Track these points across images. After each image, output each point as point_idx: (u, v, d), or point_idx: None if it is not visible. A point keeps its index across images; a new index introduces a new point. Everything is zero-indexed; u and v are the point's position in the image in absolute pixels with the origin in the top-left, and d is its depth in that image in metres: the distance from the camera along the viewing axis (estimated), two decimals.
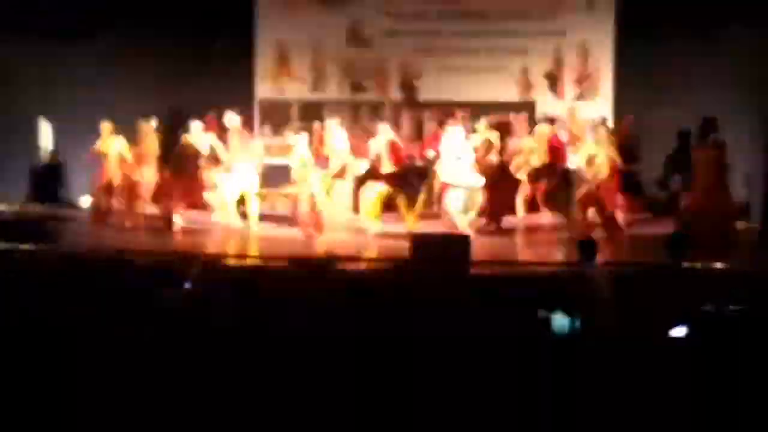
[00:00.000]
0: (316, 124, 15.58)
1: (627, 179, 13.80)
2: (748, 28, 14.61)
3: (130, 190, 14.22)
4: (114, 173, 14.27)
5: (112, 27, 15.90)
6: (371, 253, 12.61)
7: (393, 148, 13.68)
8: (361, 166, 14.08)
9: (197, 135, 14.15)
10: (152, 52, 15.98)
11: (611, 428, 6.04)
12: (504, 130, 15.23)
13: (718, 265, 10.81)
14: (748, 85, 14.73)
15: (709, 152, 12.74)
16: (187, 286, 8.89)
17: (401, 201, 13.69)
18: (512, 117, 15.89)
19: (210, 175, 14.28)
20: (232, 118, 14.13)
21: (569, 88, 16.35)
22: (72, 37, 15.74)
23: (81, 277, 8.78)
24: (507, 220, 14.16)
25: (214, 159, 14.16)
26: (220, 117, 14.48)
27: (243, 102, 16.26)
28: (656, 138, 14.19)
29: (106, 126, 14.25)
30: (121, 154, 14.27)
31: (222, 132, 14.37)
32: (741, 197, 14.40)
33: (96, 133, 14.47)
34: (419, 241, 10.48)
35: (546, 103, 16.36)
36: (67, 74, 16.01)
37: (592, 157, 13.13)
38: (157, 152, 14.26)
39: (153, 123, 14.35)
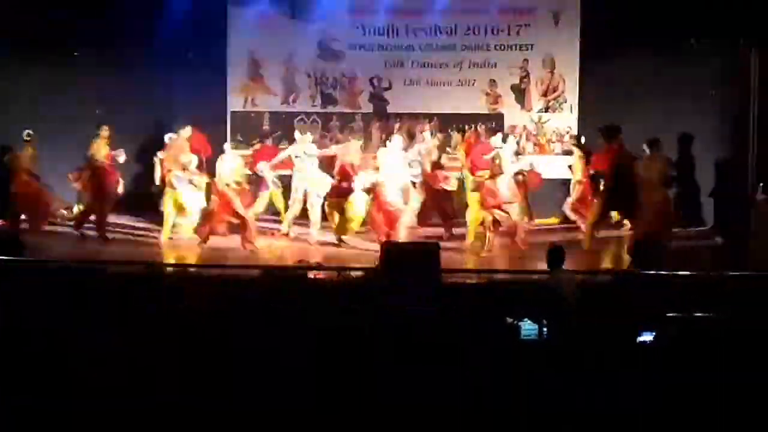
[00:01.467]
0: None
1: None
2: (708, 44, 14.89)
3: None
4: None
5: (84, 41, 15.87)
6: (343, 261, 12.72)
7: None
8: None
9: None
10: (125, 67, 15.94)
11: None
12: None
13: (683, 272, 10.94)
14: (708, 98, 15.01)
15: (656, 166, 13.03)
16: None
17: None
18: (480, 128, 16.01)
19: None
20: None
21: (536, 100, 16.56)
22: (44, 53, 15.71)
23: (63, 286, 8.82)
24: None
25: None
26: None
27: (215, 114, 16.39)
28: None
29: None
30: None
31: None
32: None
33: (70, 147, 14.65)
34: (390, 249, 10.53)
35: (513, 114, 16.55)
36: (41, 88, 15.99)
37: None
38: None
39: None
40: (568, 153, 15.82)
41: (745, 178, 13.08)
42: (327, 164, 14.53)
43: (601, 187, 13.96)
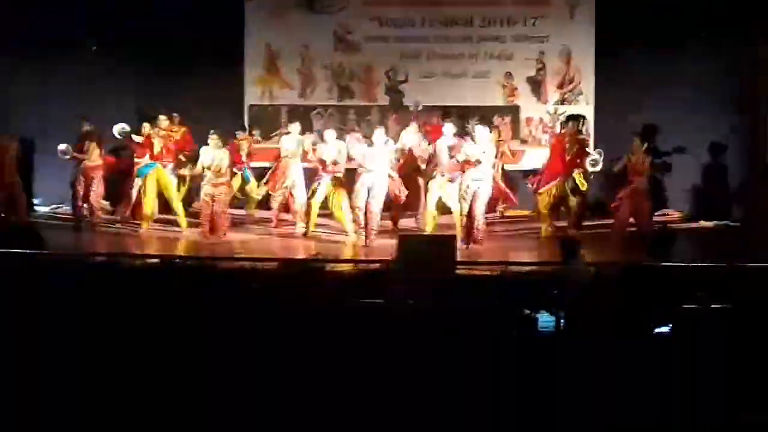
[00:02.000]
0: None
1: None
2: (727, 33, 14.86)
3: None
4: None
5: (102, 33, 15.96)
6: (357, 254, 12.80)
7: None
8: None
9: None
10: (143, 59, 16.03)
11: (595, 427, 6.14)
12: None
13: (701, 263, 10.96)
14: (728, 89, 14.99)
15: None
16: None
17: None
18: (497, 121, 16.04)
19: None
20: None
21: (552, 92, 16.55)
22: (63, 43, 15.80)
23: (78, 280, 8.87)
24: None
25: None
26: None
27: (233, 107, 16.47)
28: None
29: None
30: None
31: None
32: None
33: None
34: (405, 242, 10.56)
35: (529, 106, 16.55)
36: (57, 79, 16.08)
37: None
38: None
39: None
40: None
41: (762, 168, 13.09)
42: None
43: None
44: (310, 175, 14.27)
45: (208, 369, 6.40)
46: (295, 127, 14.65)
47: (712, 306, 8.12)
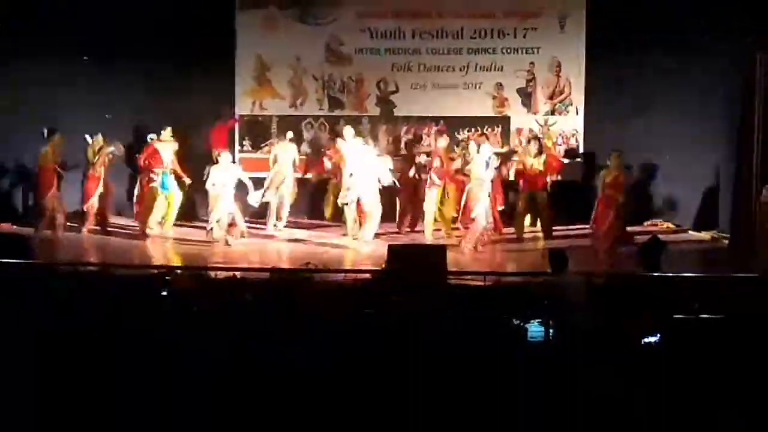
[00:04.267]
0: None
1: None
2: (715, 46, 14.89)
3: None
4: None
5: (93, 44, 15.95)
6: (348, 263, 12.81)
7: None
8: None
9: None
10: (133, 69, 16.00)
11: None
12: None
13: (689, 274, 10.97)
14: (713, 100, 15.02)
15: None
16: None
17: None
18: (487, 131, 16.15)
19: None
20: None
21: (542, 103, 16.59)
22: (55, 56, 15.80)
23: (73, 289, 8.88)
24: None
25: None
26: None
27: (223, 118, 16.44)
28: (625, 152, 14.39)
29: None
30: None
31: None
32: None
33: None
34: (396, 251, 10.57)
35: (520, 117, 16.59)
36: (48, 90, 16.04)
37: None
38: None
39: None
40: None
41: (750, 178, 13.12)
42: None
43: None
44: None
45: (197, 375, 6.44)
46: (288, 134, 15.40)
47: (702, 316, 8.18)
